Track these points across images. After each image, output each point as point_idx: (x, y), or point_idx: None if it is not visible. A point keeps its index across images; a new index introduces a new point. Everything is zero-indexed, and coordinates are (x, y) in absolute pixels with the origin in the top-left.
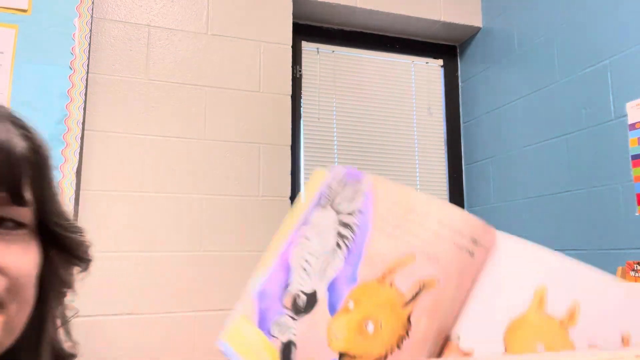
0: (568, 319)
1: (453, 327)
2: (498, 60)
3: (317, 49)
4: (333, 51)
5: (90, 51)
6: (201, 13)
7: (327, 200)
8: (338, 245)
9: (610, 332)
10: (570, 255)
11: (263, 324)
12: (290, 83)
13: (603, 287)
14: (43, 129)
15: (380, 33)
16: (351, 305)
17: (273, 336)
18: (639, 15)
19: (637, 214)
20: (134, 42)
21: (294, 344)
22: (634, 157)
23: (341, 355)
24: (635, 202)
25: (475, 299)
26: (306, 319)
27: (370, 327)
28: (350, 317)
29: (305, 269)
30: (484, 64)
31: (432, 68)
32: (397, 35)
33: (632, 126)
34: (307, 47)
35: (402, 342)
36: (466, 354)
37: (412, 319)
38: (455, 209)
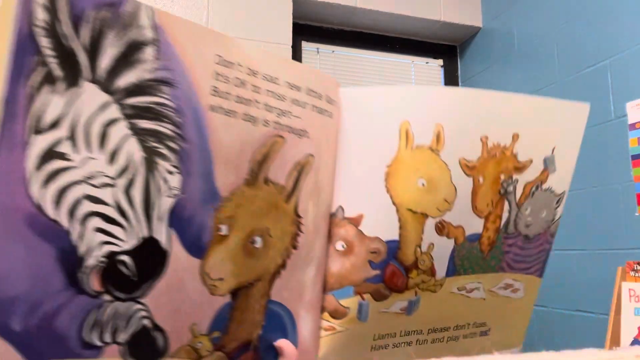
0: (436, 143)
1: (333, 202)
2: (498, 60)
3: (317, 49)
4: (333, 51)
5: None
6: (201, 13)
7: (64, 63)
8: (152, 152)
9: (472, 141)
10: (570, 254)
11: (47, 349)
12: None
13: (459, 102)
14: None
15: (380, 33)
16: (224, 229)
17: (96, 346)
18: (639, 15)
19: (637, 214)
20: None
21: (157, 329)
22: (634, 157)
23: (234, 292)
24: (635, 202)
25: (345, 162)
26: (160, 285)
27: (258, 242)
28: (229, 244)
29: (101, 214)
30: (484, 64)
31: (432, 68)
32: (397, 35)
33: (632, 126)
34: (307, 47)
35: (296, 240)
36: (353, 221)
37: (299, 211)
38: (295, 63)
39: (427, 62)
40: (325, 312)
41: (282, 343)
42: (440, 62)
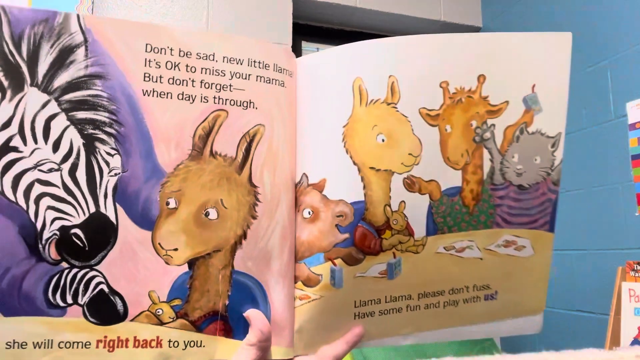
0: (391, 96)
1: (297, 170)
2: None
3: (317, 49)
4: None
5: None
6: (201, 13)
7: (9, 76)
8: (91, 138)
9: (431, 88)
10: (570, 254)
11: (18, 306)
12: None
13: (411, 50)
14: None
15: (380, 33)
16: (173, 202)
17: (61, 306)
18: (639, 15)
19: (637, 214)
20: None
21: (115, 294)
22: (634, 157)
23: (191, 263)
24: (635, 202)
25: (305, 129)
26: (111, 254)
27: (212, 214)
28: (179, 216)
29: (50, 194)
30: None
31: None
32: (397, 35)
33: (632, 126)
34: (307, 47)
35: (254, 210)
36: (317, 187)
37: (254, 180)
38: (236, 37)
39: None
40: (299, 282)
41: (250, 313)
42: None
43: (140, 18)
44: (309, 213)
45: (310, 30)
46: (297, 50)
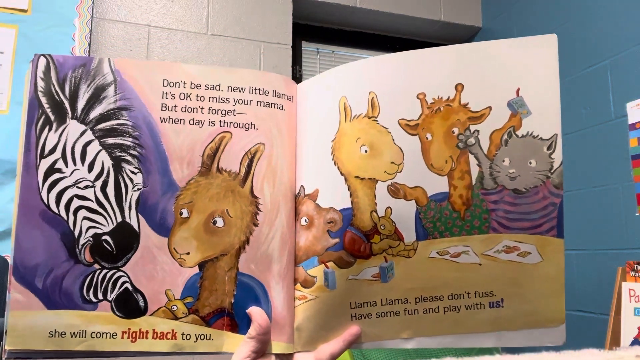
0: (371, 110)
1: (296, 183)
2: None
3: (317, 49)
4: (333, 51)
5: (90, 51)
6: (201, 13)
7: (55, 111)
8: (118, 159)
9: (409, 100)
10: (570, 254)
11: (59, 301)
12: None
13: (387, 67)
14: None
15: (380, 33)
16: (185, 213)
17: (93, 301)
18: (639, 15)
19: (637, 214)
20: (134, 42)
21: (137, 291)
22: (634, 157)
23: (201, 265)
24: (635, 202)
25: (302, 146)
26: (134, 257)
27: (219, 222)
28: (190, 224)
29: (86, 207)
30: None
31: None
32: (397, 35)
33: (632, 126)
34: (307, 47)
35: (256, 218)
36: (311, 196)
37: (255, 192)
38: (239, 69)
39: None
40: (298, 283)
41: (252, 310)
42: None
43: (141, 18)
44: (306, 221)
45: (310, 30)
46: (297, 50)
